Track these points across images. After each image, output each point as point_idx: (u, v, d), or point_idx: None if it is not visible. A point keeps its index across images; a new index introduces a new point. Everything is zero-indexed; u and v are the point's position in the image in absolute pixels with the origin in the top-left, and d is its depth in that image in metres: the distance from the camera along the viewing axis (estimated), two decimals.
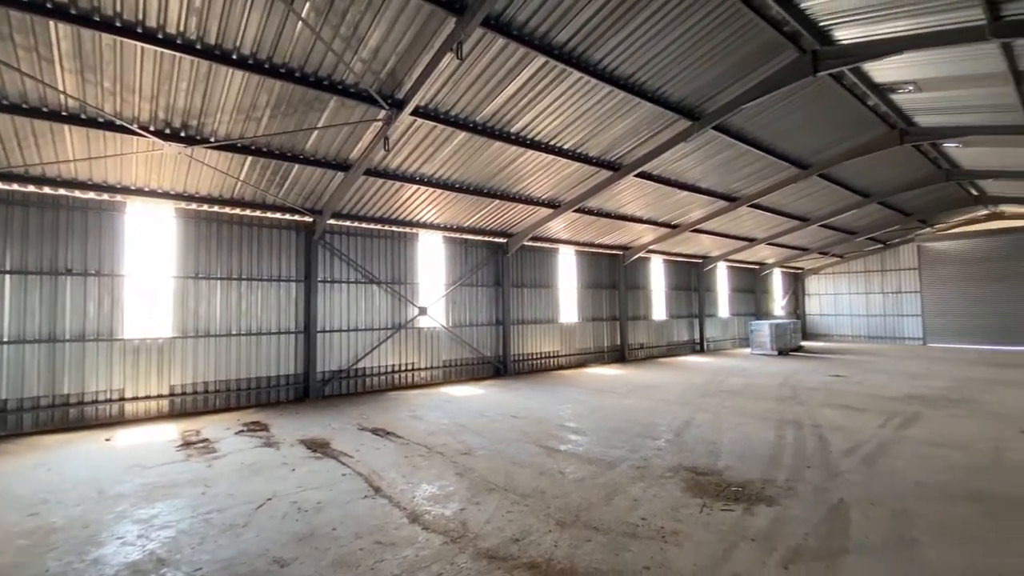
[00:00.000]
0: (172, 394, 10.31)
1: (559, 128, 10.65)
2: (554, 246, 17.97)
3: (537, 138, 10.90)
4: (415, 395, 12.49)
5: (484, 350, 15.59)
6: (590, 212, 15.88)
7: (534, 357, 17.07)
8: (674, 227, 18.74)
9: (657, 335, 22.11)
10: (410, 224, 13.79)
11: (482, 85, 8.82)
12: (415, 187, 11.82)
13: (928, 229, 25.87)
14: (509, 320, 16.09)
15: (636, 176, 13.48)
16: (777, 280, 30.34)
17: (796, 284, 31.72)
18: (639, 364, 19.12)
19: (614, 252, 20.18)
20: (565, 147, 11.48)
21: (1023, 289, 23.51)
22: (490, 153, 11.04)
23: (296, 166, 10.15)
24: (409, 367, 13.92)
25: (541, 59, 8.22)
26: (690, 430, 8.60)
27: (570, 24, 7.72)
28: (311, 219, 12.02)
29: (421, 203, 12.80)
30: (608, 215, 16.47)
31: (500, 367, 15.87)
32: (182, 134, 8.66)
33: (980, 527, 4.74)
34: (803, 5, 7.86)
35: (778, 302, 30.28)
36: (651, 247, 20.22)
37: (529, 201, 13.87)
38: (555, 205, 14.46)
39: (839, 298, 30.06)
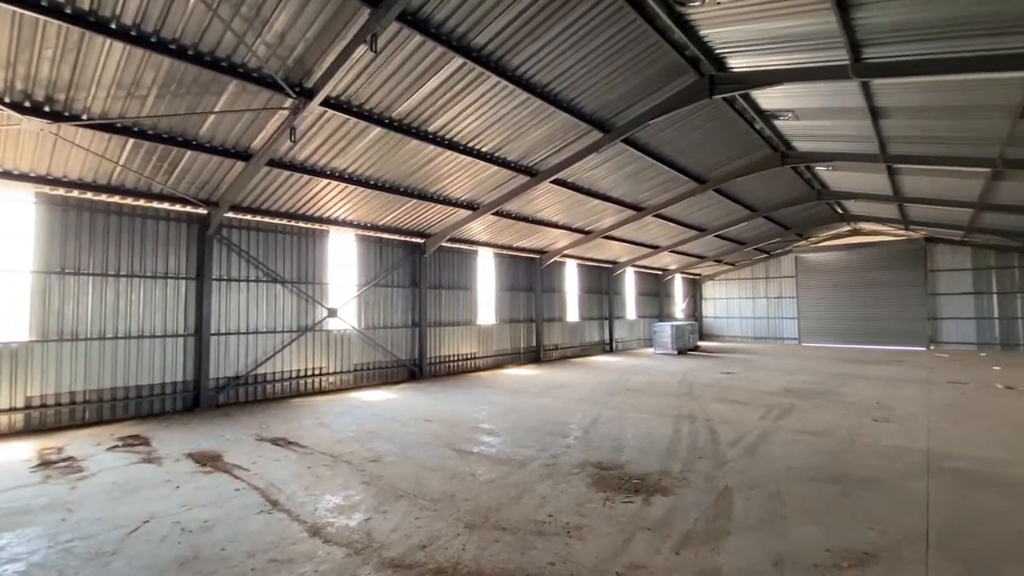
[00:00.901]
0: (29, 407, 8.93)
1: (478, 130, 10.68)
2: (473, 248, 17.98)
3: (455, 139, 10.85)
4: (323, 401, 11.87)
5: (399, 353, 15.21)
6: (509, 216, 16.11)
7: (451, 359, 16.94)
8: (587, 233, 19.53)
9: (571, 336, 22.90)
10: (320, 220, 13.11)
11: (399, 81, 8.61)
12: (326, 181, 11.26)
13: (803, 242, 29.29)
14: (426, 322, 15.84)
15: (552, 183, 13.88)
16: (678, 285, 32.72)
17: (695, 289, 34.42)
18: (553, 364, 19.68)
19: (531, 255, 20.62)
20: (484, 150, 11.54)
21: (878, 296, 27.35)
22: (407, 151, 10.80)
23: (188, 152, 9.25)
24: (317, 372, 13.20)
25: (459, 60, 8.20)
26: (597, 427, 8.99)
27: (488, 28, 7.77)
28: (205, 211, 11.01)
29: (332, 199, 12.22)
30: (526, 219, 16.80)
31: (416, 370, 15.56)
32: (46, 108, 7.55)
33: (836, 504, 5.43)
34: (702, 32, 8.53)
35: (679, 305, 32.66)
36: (566, 252, 20.92)
37: (448, 202, 13.77)
38: (474, 207, 14.48)
39: (731, 302, 33.07)
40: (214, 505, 5.47)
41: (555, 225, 17.99)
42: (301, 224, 12.92)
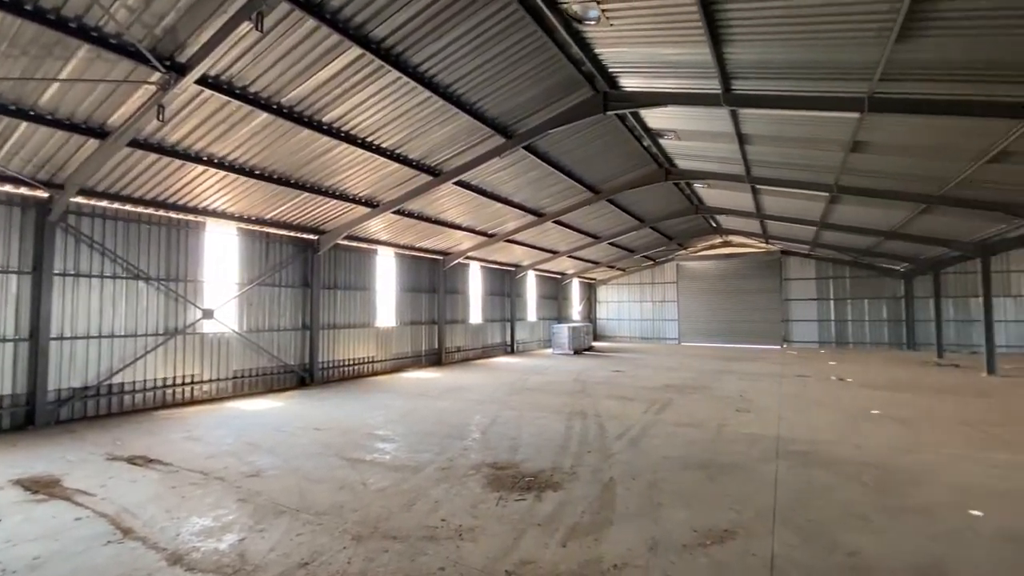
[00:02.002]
0: None
1: (377, 125, 10.31)
2: (372, 247, 17.32)
3: (353, 132, 10.37)
4: (195, 413, 10.67)
5: (287, 358, 14.16)
6: (411, 215, 15.77)
7: (347, 364, 16.14)
8: (491, 236, 19.76)
9: (473, 338, 22.97)
10: (195, 211, 11.79)
11: (289, 65, 8.02)
12: (202, 168, 10.16)
13: (684, 251, 32.30)
14: (318, 324, 14.93)
15: (456, 184, 13.84)
16: (576, 288, 34.34)
17: (590, 292, 36.35)
18: (455, 366, 19.59)
19: (435, 256, 20.36)
20: (384, 145, 11.17)
21: (743, 300, 30.92)
22: (299, 140, 10.11)
23: (24, 124, 7.84)
24: (188, 380, 11.83)
25: (357, 50, 7.85)
26: (495, 427, 9.10)
27: (389, 21, 7.53)
28: (46, 194, 9.39)
29: (211, 188, 11.06)
30: (429, 219, 16.56)
31: (306, 376, 14.59)
32: None
33: (704, 488, 6.01)
34: (597, 51, 9.04)
35: (576, 308, 34.28)
36: (470, 254, 20.96)
37: (344, 197, 13.11)
38: (373, 204, 13.95)
39: (621, 305, 35.44)
40: (47, 538, 4.65)
41: (459, 227, 17.96)
42: (172, 214, 11.52)
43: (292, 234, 14.34)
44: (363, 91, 9.07)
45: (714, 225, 26.58)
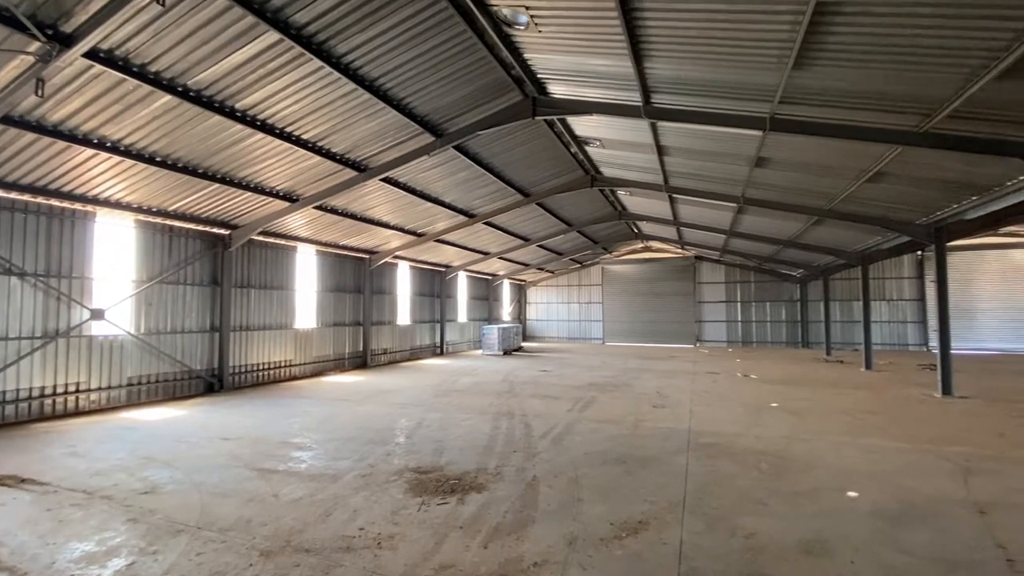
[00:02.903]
0: None
1: (298, 115, 9.77)
2: (292, 244, 16.41)
3: (270, 121, 9.76)
4: (81, 425, 9.54)
5: (193, 362, 13.03)
6: (335, 211, 15.11)
7: (262, 368, 15.14)
8: (420, 235, 19.42)
9: (401, 339, 22.45)
10: (84, 200, 10.55)
11: (197, 44, 7.39)
12: (92, 152, 9.11)
13: (608, 255, 33.66)
14: (229, 326, 13.88)
15: (384, 181, 13.48)
16: (506, 289, 34.64)
17: (520, 294, 36.83)
18: (381, 369, 19.03)
19: (361, 255, 19.67)
20: (305, 137, 10.61)
21: (662, 302, 32.72)
22: (208, 127, 9.34)
23: None
24: (73, 388, 10.55)
25: (275, 35, 7.39)
26: (420, 431, 8.93)
27: (311, 7, 7.16)
28: None
29: (102, 174, 9.94)
30: (355, 216, 15.97)
31: (215, 382, 13.51)
32: None
33: (621, 482, 6.28)
34: (526, 56, 9.17)
35: (506, 309, 34.58)
36: (398, 253, 20.48)
37: (260, 190, 12.31)
38: (293, 199, 13.22)
39: (550, 306, 36.27)
40: None
41: (387, 225, 17.48)
42: (55, 202, 10.23)
43: (200, 228, 13.23)
44: (282, 78, 8.56)
45: (636, 231, 27.92)
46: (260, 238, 14.98)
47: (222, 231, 13.76)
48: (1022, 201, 10.09)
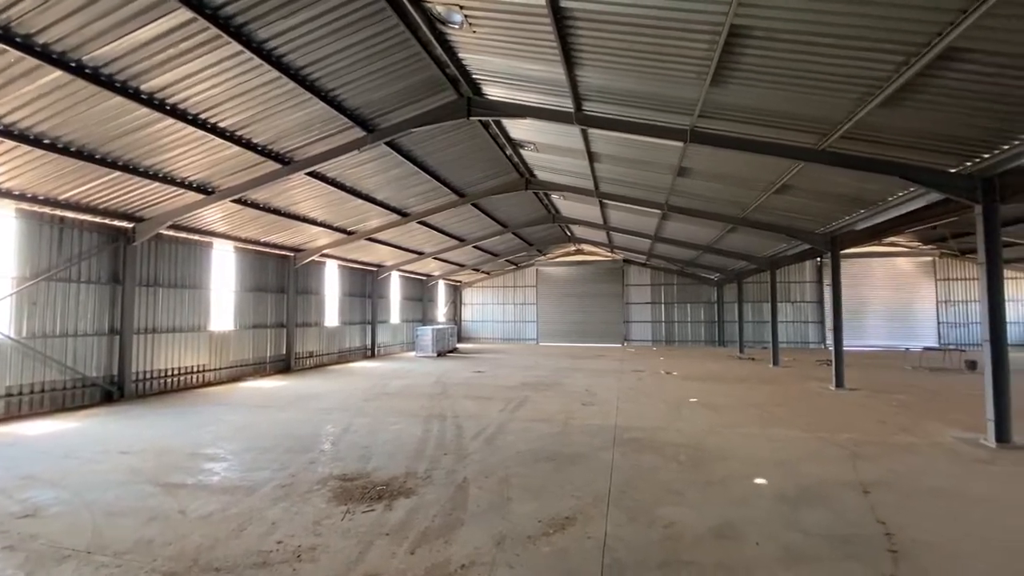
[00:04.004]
0: None
1: (215, 101, 9.09)
2: (208, 239, 15.24)
3: (183, 106, 9.01)
4: None
5: (88, 369, 11.73)
6: (256, 206, 14.21)
7: (170, 374, 13.92)
8: (350, 233, 18.73)
9: (329, 342, 21.53)
10: None
11: (95, 16, 6.65)
12: None
13: (543, 256, 34.30)
14: (132, 328, 12.64)
15: (310, 176, 12.88)
16: (441, 290, 34.27)
17: (456, 294, 36.59)
18: (307, 373, 18.15)
19: (285, 253, 18.64)
20: (222, 125, 9.89)
21: (593, 303, 33.81)
22: (108, 109, 8.46)
23: None
24: None
25: (187, 13, 6.82)
26: (347, 436, 8.61)
27: None
28: None
29: None
30: (279, 212, 15.10)
31: (114, 390, 12.24)
32: None
33: (551, 480, 6.39)
34: (461, 55, 9.12)
35: (441, 310, 34.21)
36: (327, 251, 19.63)
37: (171, 181, 11.32)
38: (208, 191, 12.28)
39: (486, 307, 36.34)
40: None
41: (314, 222, 16.69)
42: None
43: (99, 220, 11.96)
44: (196, 61, 7.92)
45: (569, 234, 28.65)
46: (171, 232, 13.78)
47: (125, 224, 12.51)
48: (901, 215, 11.45)
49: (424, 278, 31.10)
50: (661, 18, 6.38)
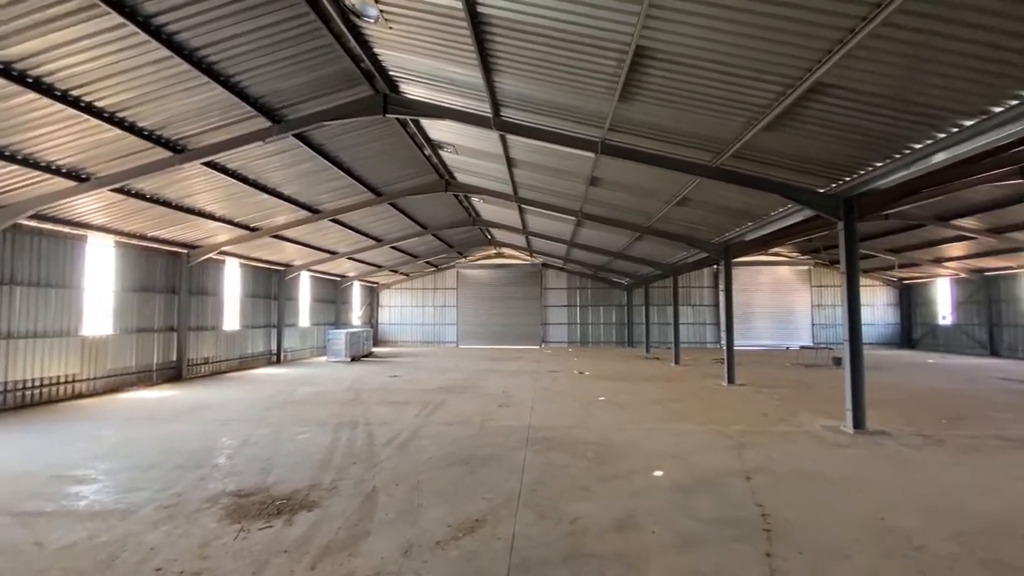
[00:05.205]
0: None
1: (91, 77, 8.04)
2: (81, 232, 13.45)
3: (49, 79, 7.88)
4: None
5: None
6: (142, 196, 12.78)
7: (30, 386, 12.06)
8: (254, 230, 17.45)
9: (228, 347, 19.86)
10: None
11: None
12: None
13: (463, 259, 34.22)
14: None
15: (208, 166, 11.83)
16: (357, 292, 32.95)
17: (373, 296, 35.39)
18: (202, 381, 16.61)
19: (176, 249, 16.94)
20: (99, 105, 8.79)
21: (512, 306, 34.29)
22: None
23: None
24: None
25: None
26: (246, 449, 7.99)
27: None
28: None
29: None
30: (169, 204, 13.69)
31: None
32: None
33: (463, 482, 6.38)
34: (377, 50, 8.86)
35: (356, 312, 32.89)
36: (227, 248, 18.12)
37: (34, 165, 9.87)
38: (82, 178, 10.85)
39: (404, 310, 35.53)
40: None
41: (212, 216, 15.34)
42: None
43: None
44: (68, 30, 6.96)
45: (489, 237, 28.87)
46: (33, 223, 11.99)
47: None
48: (782, 228, 12.82)
49: (338, 279, 29.74)
50: (574, 32, 6.64)
